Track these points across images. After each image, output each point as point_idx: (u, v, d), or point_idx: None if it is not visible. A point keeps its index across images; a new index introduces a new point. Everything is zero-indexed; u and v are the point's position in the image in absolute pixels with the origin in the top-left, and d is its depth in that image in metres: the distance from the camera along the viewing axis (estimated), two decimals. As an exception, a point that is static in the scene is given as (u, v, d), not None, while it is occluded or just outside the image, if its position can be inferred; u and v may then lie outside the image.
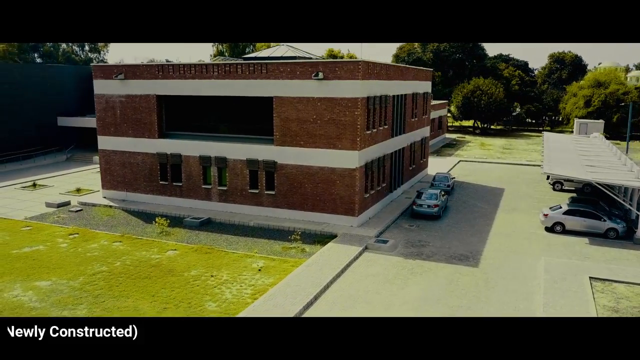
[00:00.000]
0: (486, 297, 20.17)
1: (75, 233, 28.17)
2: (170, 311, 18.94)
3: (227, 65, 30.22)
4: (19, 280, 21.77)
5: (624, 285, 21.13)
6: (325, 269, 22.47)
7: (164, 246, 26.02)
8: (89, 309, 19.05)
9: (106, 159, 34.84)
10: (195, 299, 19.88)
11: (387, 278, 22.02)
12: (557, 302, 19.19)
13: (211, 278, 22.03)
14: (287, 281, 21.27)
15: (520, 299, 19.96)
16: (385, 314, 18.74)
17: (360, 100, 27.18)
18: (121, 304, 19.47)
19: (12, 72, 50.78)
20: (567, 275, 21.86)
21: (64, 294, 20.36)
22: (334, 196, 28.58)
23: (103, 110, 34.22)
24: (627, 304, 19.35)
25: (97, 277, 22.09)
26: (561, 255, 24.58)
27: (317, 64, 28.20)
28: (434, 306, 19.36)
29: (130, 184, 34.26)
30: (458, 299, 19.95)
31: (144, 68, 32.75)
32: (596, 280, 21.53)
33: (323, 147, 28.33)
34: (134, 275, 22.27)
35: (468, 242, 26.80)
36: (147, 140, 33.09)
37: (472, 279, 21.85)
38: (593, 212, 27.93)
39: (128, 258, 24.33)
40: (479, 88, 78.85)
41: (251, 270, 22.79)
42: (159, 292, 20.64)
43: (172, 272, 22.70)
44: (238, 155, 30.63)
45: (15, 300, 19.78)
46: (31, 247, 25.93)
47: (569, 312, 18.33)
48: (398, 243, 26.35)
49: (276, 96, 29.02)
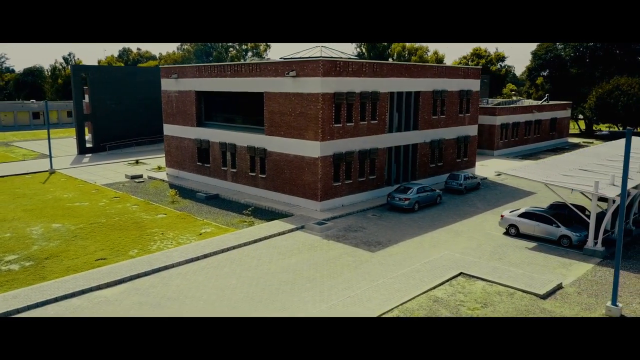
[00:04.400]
0: (339, 273, 21.88)
1: (118, 197, 36.61)
2: (103, 252, 25.07)
3: (235, 66, 35.56)
4: (45, 221, 30.40)
5: (486, 282, 20.63)
6: (242, 238, 26.39)
7: (160, 211, 32.58)
8: (60, 243, 26.30)
9: (167, 143, 43.22)
10: (130, 246, 25.75)
11: (286, 250, 24.98)
12: (391, 286, 20.16)
13: (160, 235, 27.73)
14: (203, 242, 25.84)
15: (366, 279, 21.18)
16: (244, 274, 22.05)
17: (322, 96, 29.95)
18: (80, 243, 26.33)
19: (154, 74, 63.56)
20: (440, 268, 22.06)
21: (58, 232, 28.13)
22: (304, 182, 31.83)
23: (166, 104, 42.58)
24: (458, 297, 19.27)
25: (92, 225, 29.53)
26: (485, 255, 24.09)
27: (292, 63, 31.71)
28: (288, 273, 21.93)
29: (180, 163, 42.02)
30: (314, 271, 22.14)
31: (188, 69, 40.01)
32: (464, 276, 21.36)
33: (296, 137, 31.79)
34: (114, 227, 29.15)
35: (404, 232, 27.64)
36: (189, 128, 40.35)
37: (350, 259, 23.51)
38: (548, 217, 26.06)
39: (126, 216, 31.44)
40: (618, 87, 69.88)
41: (195, 233, 27.83)
42: (116, 239, 27.05)
43: (141, 228, 29.00)
44: (243, 143, 35.77)
45: (28, 234, 28.12)
46: (80, 203, 34.94)
47: (385, 298, 19.37)
48: (336, 227, 28.58)
49: (266, 92, 33.37)
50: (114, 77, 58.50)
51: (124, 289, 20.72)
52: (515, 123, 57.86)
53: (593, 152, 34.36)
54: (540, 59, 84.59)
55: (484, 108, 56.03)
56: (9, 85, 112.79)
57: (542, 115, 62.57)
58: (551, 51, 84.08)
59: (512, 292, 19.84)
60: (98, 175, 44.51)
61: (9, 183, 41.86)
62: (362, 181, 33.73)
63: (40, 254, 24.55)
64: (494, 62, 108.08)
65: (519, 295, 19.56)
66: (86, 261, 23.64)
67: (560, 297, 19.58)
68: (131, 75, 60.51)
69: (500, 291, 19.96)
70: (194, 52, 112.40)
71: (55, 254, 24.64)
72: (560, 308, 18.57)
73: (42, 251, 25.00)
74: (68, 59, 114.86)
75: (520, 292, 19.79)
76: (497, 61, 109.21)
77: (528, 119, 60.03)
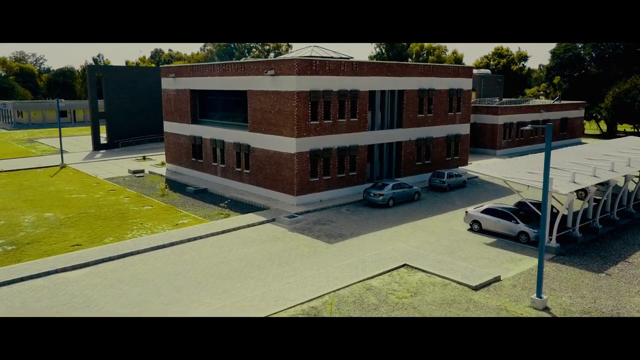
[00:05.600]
0: (289, 262, 22.87)
1: (114, 190, 38.62)
2: (81, 239, 26.82)
3: (224, 65, 36.99)
4: (40, 211, 32.53)
5: (425, 274, 21.24)
6: (212, 229, 27.72)
7: (148, 203, 34.29)
8: (46, 230, 28.24)
9: (167, 139, 45.12)
10: (107, 234, 27.42)
11: (249, 241, 26.16)
12: (333, 274, 21.05)
13: (139, 225, 29.37)
14: (173, 232, 27.31)
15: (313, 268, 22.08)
16: (200, 262, 23.33)
17: (297, 94, 31.00)
18: (63, 230, 28.20)
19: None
20: (387, 260, 22.78)
21: (47, 221, 30.13)
22: (282, 177, 32.94)
23: (165, 102, 44.48)
24: (392, 286, 19.96)
25: (80, 215, 31.45)
26: (440, 249, 24.58)
27: (271, 62, 32.86)
28: (242, 261, 23.08)
29: (178, 159, 43.82)
30: (266, 260, 23.23)
31: (184, 68, 41.74)
32: (407, 267, 22.01)
33: (275, 133, 32.94)
34: (100, 217, 30.97)
35: (370, 226, 28.37)
36: (185, 125, 42.09)
37: (307, 250, 24.48)
38: (508, 213, 26.34)
39: (115, 207, 33.27)
40: (636, 87, 68.17)
41: (172, 224, 29.34)
42: (98, 228, 28.82)
43: (125, 218, 30.73)
44: (230, 139, 37.18)
45: (20, 222, 30.22)
46: (78, 195, 37.08)
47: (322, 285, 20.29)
48: (306, 220, 29.57)
49: (249, 90, 34.66)
50: (127, 77, 61.05)
51: (87, 271, 22.31)
52: (520, 122, 57.33)
53: (576, 151, 34.17)
54: (559, 58, 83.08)
55: (485, 107, 55.83)
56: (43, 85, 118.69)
57: (550, 115, 61.68)
58: (570, 50, 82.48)
59: (447, 283, 20.41)
60: (103, 170, 46.82)
61: (21, 176, 44.59)
62: (341, 177, 34.57)
63: (24, 240, 26.51)
64: (516, 62, 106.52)
65: (452, 286, 20.12)
66: (63, 247, 25.42)
67: (493, 289, 20.03)
68: (144, 75, 62.94)
69: (436, 282, 20.56)
70: (216, 52, 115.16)
71: (37, 240, 26.54)
72: (488, 299, 19.06)
73: (26, 237, 26.97)
74: (97, 60, 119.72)
75: (454, 284, 20.35)
76: (520, 60, 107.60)
77: (535, 118, 59.34)
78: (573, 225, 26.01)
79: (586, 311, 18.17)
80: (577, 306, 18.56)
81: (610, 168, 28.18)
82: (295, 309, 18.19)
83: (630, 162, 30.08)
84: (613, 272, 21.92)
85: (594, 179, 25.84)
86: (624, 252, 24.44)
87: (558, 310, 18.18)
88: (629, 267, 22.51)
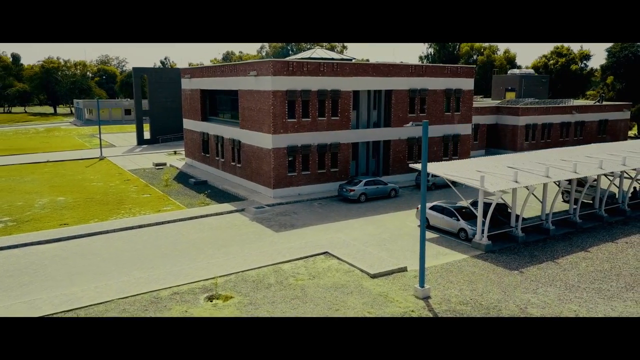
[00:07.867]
0: (226, 247, 25.09)
1: (129, 179, 42.89)
2: (72, 220, 30.74)
3: (223, 66, 39.95)
4: (55, 195, 37.20)
5: (339, 261, 22.63)
6: (182, 215, 30.63)
7: (149, 192, 38.01)
8: (49, 211, 32.56)
9: (185, 135, 49.00)
10: (96, 217, 31.16)
11: (207, 227, 28.74)
12: (253, 257, 23.06)
13: (128, 210, 32.96)
14: (148, 217, 30.53)
15: (244, 251, 24.14)
16: (152, 243, 26.23)
17: (273, 93, 33.19)
18: (63, 212, 32.36)
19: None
20: (313, 247, 24.38)
21: (56, 204, 34.56)
22: (263, 170, 35.28)
23: (184, 101, 48.36)
24: (298, 270, 21.57)
25: (85, 200, 35.69)
26: (374, 241, 25.68)
27: (254, 64, 35.25)
28: (188, 244, 25.67)
29: (192, 153, 47.52)
30: (208, 244, 25.66)
31: (196, 70, 45.26)
32: (327, 255, 23.49)
33: (257, 130, 35.34)
34: (102, 202, 34.98)
35: (326, 219, 29.90)
36: (197, 122, 45.63)
37: (252, 237, 26.60)
38: (451, 210, 26.83)
39: (119, 194, 37.24)
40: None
41: (156, 210, 32.65)
42: (92, 211, 32.72)
43: (121, 203, 34.52)
44: (227, 135, 40.10)
45: (34, 203, 34.91)
46: (97, 183, 41.69)
47: (237, 265, 22.37)
48: (272, 211, 31.66)
49: (239, 89, 37.33)
50: (169, 77, 66.18)
51: (57, 245, 25.94)
52: (546, 124, 55.54)
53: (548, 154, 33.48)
54: (615, 56, 78.45)
55: (507, 108, 54.69)
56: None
57: (586, 116, 59.02)
58: (626, 48, 77.64)
59: (351, 270, 21.72)
60: (133, 162, 51.62)
61: (61, 166, 50.37)
62: (322, 173, 36.25)
63: (26, 218, 30.88)
64: (577, 61, 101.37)
65: (354, 273, 21.41)
66: (53, 225, 29.41)
67: (392, 278, 21.06)
68: (185, 76, 67.85)
69: (342, 269, 21.93)
70: (272, 54, 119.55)
71: (37, 218, 30.81)
72: (377, 286, 20.18)
73: (29, 216, 31.36)
74: (165, 62, 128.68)
75: (357, 271, 21.62)
76: (581, 59, 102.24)
77: (565, 120, 57.15)
78: (515, 224, 26.08)
79: (463, 302, 18.83)
80: (458, 297, 19.24)
81: (572, 169, 27.82)
82: (191, 285, 20.45)
83: (602, 164, 29.33)
84: (529, 270, 22.07)
85: (541, 179, 25.78)
86: (559, 253, 24.27)
87: (436, 300, 18.99)
88: (548, 266, 22.50)
